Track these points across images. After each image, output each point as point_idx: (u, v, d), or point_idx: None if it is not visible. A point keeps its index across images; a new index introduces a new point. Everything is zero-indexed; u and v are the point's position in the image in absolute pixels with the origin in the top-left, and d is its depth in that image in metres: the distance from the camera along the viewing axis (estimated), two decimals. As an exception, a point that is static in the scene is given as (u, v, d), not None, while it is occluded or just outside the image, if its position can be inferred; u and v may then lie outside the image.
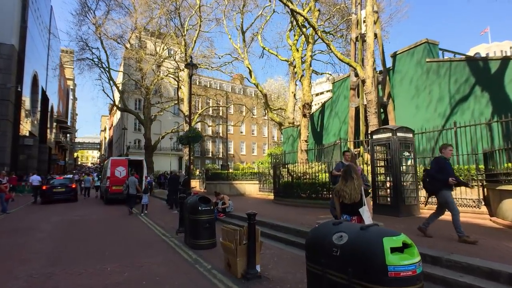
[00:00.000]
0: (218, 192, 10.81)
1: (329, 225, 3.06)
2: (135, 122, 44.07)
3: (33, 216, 12.35)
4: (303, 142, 16.40)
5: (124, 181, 16.03)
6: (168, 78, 32.24)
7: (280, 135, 62.46)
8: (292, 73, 27.63)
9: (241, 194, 17.85)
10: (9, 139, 25.59)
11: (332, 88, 17.76)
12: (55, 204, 16.52)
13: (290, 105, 27.52)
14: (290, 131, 21.39)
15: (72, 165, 77.75)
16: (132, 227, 9.59)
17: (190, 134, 10.98)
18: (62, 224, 10.14)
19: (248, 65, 26.68)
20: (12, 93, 25.51)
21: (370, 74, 11.37)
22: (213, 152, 51.89)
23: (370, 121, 11.46)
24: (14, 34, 26.20)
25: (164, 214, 12.43)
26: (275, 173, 14.20)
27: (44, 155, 39.40)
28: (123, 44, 29.38)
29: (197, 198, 6.90)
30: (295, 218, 8.83)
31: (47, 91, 38.34)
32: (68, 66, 67.79)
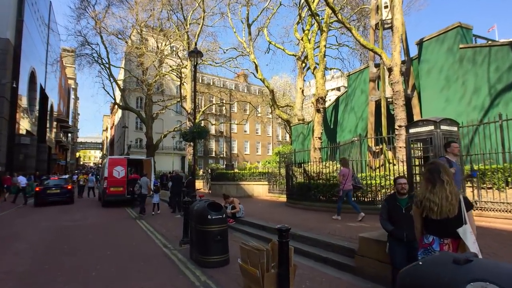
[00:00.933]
0: (227, 195, 9.57)
1: (446, 263, 1.75)
2: (136, 121, 42.89)
3: (21, 221, 11.15)
4: (317, 140, 15.12)
5: (123, 182, 14.91)
6: (171, 75, 31.03)
7: (284, 134, 61.21)
8: (300, 68, 26.45)
9: (249, 195, 16.60)
10: (5, 138, 24.43)
11: (347, 81, 16.46)
12: (49, 207, 15.32)
13: (298, 102, 26.26)
14: (300, 129, 20.12)
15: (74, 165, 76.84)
16: (129, 236, 8.35)
17: (195, 129, 9.74)
18: (50, 232, 8.92)
19: (254, 59, 25.42)
20: (7, 90, 24.34)
21: (398, 61, 10.08)
22: (216, 152, 50.65)
23: (397, 114, 10.17)
24: (10, 27, 25.06)
25: (166, 219, 11.19)
26: (288, 173, 12.94)
27: (43, 154, 38.27)
28: (124, 40, 28.20)
29: (205, 204, 5.65)
30: (318, 225, 7.55)
31: (46, 89, 37.21)
32: (69, 65, 66.89)
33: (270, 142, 57.87)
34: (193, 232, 5.92)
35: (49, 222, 10.76)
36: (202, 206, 5.66)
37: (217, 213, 5.53)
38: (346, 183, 8.48)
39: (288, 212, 10.54)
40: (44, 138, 38.55)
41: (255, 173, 17.20)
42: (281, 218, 9.19)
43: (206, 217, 5.44)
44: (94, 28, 26.83)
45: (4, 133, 24.32)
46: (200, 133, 9.81)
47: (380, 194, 9.15)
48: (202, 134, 9.87)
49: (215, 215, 5.48)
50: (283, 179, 15.91)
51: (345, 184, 8.47)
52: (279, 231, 3.61)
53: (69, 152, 68.75)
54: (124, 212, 13.51)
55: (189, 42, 27.53)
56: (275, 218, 9.17)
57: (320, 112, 15.24)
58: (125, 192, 14.99)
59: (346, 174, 8.51)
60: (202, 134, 9.85)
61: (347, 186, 8.52)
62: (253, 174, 17.17)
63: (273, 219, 8.92)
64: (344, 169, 8.58)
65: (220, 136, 51.39)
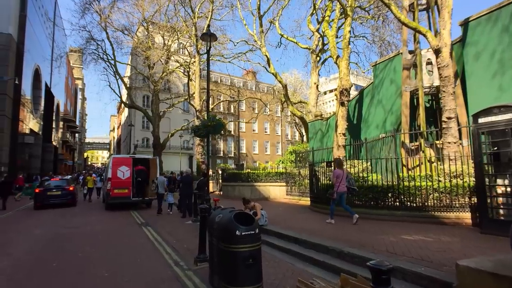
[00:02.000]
0: (247, 199, 8.18)
1: None
2: (143, 120, 41.84)
3: (14, 226, 9.89)
4: (341, 136, 13.64)
5: (128, 183, 13.65)
6: (178, 71, 29.77)
7: (294, 133, 59.68)
8: (314, 62, 24.98)
9: (265, 198, 15.20)
10: (7, 137, 23.42)
11: (373, 71, 14.93)
12: (49, 210, 14.11)
13: (312, 98, 24.82)
14: (318, 125, 18.63)
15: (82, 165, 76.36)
16: (132, 248, 6.98)
17: (209, 122, 8.35)
18: (41, 242, 7.61)
19: (265, 52, 24.03)
20: (10, 87, 23.34)
21: (448, 41, 8.57)
22: (225, 151, 49.35)
23: (446, 104, 8.65)
24: (12, 23, 24.04)
25: (175, 226, 9.83)
26: (312, 174, 11.51)
27: (49, 154, 37.37)
28: (130, 36, 27.02)
29: (231, 216, 4.24)
30: (365, 239, 6.09)
31: (52, 88, 36.29)
32: (76, 66, 66.34)
33: (279, 141, 56.39)
34: (213, 251, 4.53)
35: (44, 228, 9.48)
36: (227, 218, 4.25)
37: (248, 227, 4.12)
38: (340, 185, 8.11)
39: (317, 219, 9.10)
40: (50, 138, 37.67)
41: (271, 173, 15.76)
42: (313, 226, 7.75)
43: (234, 234, 4.03)
44: (99, 23, 25.74)
45: (7, 132, 23.32)
46: (216, 127, 8.43)
47: (432, 198, 7.64)
48: (217, 128, 8.48)
49: (245, 231, 4.07)
50: (303, 179, 14.50)
51: (339, 186, 8.11)
52: (376, 271, 2.17)
53: (77, 153, 68.22)
54: (129, 216, 12.20)
55: (197, 36, 26.27)
56: (305, 227, 7.74)
57: (344, 105, 13.75)
58: (131, 194, 13.71)
59: (340, 175, 8.17)
60: (217, 128, 8.46)
61: (341, 188, 8.14)
62: (269, 174, 15.73)
63: (303, 228, 7.49)
64: (338, 170, 8.29)
65: (228, 135, 50.08)
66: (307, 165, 16.34)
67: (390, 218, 7.95)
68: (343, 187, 8.17)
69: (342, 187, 8.16)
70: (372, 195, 8.58)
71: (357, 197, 9.03)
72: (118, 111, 67.97)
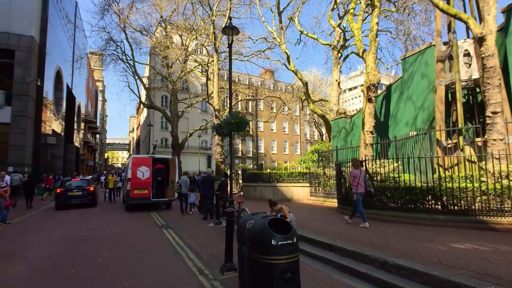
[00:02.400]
0: (274, 201, 7.63)
1: None
2: (161, 120, 42.01)
3: (34, 228, 9.73)
4: (368, 134, 12.90)
5: (148, 184, 13.39)
6: (196, 70, 29.59)
7: (313, 132, 58.69)
8: (335, 58, 24.19)
9: (288, 199, 14.64)
10: (30, 138, 23.77)
11: (402, 65, 14.10)
12: (70, 210, 14.04)
13: (334, 95, 24.04)
14: (342, 123, 17.88)
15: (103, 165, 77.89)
16: (153, 254, 6.58)
17: (233, 119, 7.85)
18: (60, 245, 7.34)
19: (285, 49, 23.48)
20: (32, 88, 23.68)
21: (493, 27, 7.76)
22: (243, 151, 48.98)
23: (491, 97, 7.85)
24: (34, 25, 24.37)
25: (196, 228, 9.42)
26: (340, 174, 10.87)
27: (71, 155, 38.03)
28: (149, 36, 26.98)
29: (265, 222, 3.72)
30: (411, 247, 5.45)
31: (73, 89, 36.88)
32: (97, 68, 67.67)
33: (298, 141, 55.57)
34: (244, 260, 4.03)
35: (64, 230, 9.26)
36: (261, 224, 3.74)
37: (285, 236, 3.60)
38: (358, 186, 7.91)
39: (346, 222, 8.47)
40: (71, 139, 38.31)
41: (294, 173, 15.14)
42: (345, 231, 7.15)
43: (269, 243, 3.53)
44: (118, 25, 25.84)
45: (30, 133, 23.66)
46: (239, 125, 7.91)
47: (480, 202, 6.88)
48: (241, 126, 7.96)
49: (282, 240, 3.55)
50: (328, 180, 13.85)
51: (358, 187, 7.90)
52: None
53: (98, 153, 69.56)
54: (149, 217, 11.91)
55: (215, 34, 25.97)
56: (337, 231, 7.15)
57: (371, 101, 13.01)
58: (150, 195, 13.43)
59: (357, 176, 7.98)
60: (241, 125, 7.94)
61: (360, 188, 7.91)
62: (292, 174, 15.13)
63: (335, 233, 6.91)
64: (355, 171, 8.11)
65: (246, 135, 49.70)
66: (331, 165, 15.70)
67: (430, 222, 7.24)
68: (361, 188, 7.95)
69: (361, 187, 7.95)
70: (409, 197, 7.87)
71: (392, 199, 8.35)
72: (137, 112, 68.87)
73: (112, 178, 19.20)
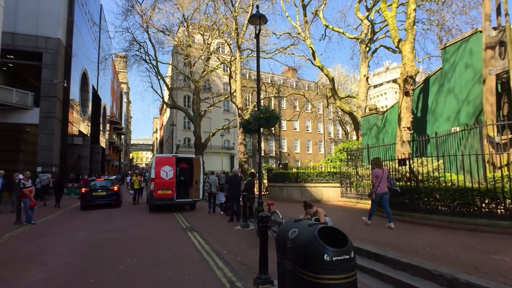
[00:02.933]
0: (309, 203, 6.91)
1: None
2: (184, 120, 42.06)
3: (57, 230, 9.46)
4: (405, 131, 11.91)
5: (172, 184, 12.97)
6: (219, 69, 29.22)
7: (337, 131, 57.18)
8: (363, 52, 23.12)
9: (317, 200, 13.84)
10: (58, 138, 24.17)
11: (442, 55, 12.96)
12: (94, 211, 13.88)
13: (362, 91, 22.97)
14: (373, 120, 16.85)
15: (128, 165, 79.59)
16: (179, 261, 6.02)
17: (262, 114, 7.21)
18: (81, 249, 6.94)
19: (310, 44, 22.63)
20: (59, 90, 24.07)
21: None
22: (266, 151, 48.31)
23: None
24: (61, 27, 24.77)
25: (223, 231, 8.83)
26: (377, 173, 9.96)
27: (97, 155, 38.77)
28: (171, 35, 26.80)
29: (314, 231, 3.02)
30: (479, 260, 4.59)
31: (98, 91, 37.53)
32: (121, 70, 69.10)
33: (321, 140, 54.30)
34: (287, 277, 3.35)
35: (87, 232, 8.93)
36: (308, 235, 3.05)
37: (340, 250, 2.89)
38: (380, 185, 7.75)
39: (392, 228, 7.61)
40: (97, 139, 39.02)
41: (323, 172, 14.31)
42: (389, 238, 6.33)
43: (320, 258, 2.83)
44: (141, 25, 25.81)
45: (57, 134, 24.05)
46: (269, 120, 7.26)
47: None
48: (271, 121, 7.31)
49: (337, 255, 2.84)
50: (361, 180, 12.94)
51: (379, 187, 7.76)
52: None
53: (123, 153, 71.05)
54: (173, 219, 11.47)
55: (238, 31, 25.46)
56: (380, 238, 6.35)
57: (409, 95, 12.01)
58: (174, 196, 13.01)
59: (380, 175, 7.80)
60: (271, 120, 7.29)
61: (382, 188, 7.77)
62: (321, 174, 14.29)
63: (378, 240, 6.12)
64: (377, 170, 7.96)
65: (269, 134, 49.02)
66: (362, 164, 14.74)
67: (492, 229, 6.29)
68: (383, 188, 7.78)
69: (382, 187, 7.78)
70: (463, 200, 6.92)
71: (442, 202, 7.42)
72: (160, 112, 69.73)
73: (136, 178, 18.27)
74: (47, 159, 22.92)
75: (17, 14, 22.71)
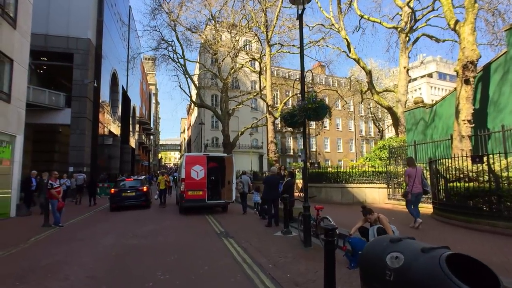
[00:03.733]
0: (369, 208, 5.78)
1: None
2: (212, 120, 41.69)
3: (84, 233, 8.86)
4: (465, 124, 10.44)
5: (203, 185, 12.19)
6: (247, 65, 28.36)
7: (368, 129, 54.82)
8: (403, 42, 21.44)
9: (360, 202, 12.54)
10: (88, 138, 24.25)
11: (507, 37, 11.30)
12: (123, 212, 13.38)
13: (402, 84, 21.32)
14: (420, 114, 15.27)
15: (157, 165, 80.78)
16: (216, 275, 5.09)
17: (310, 104, 6.15)
18: (106, 258, 6.19)
19: (345, 36, 21.26)
20: (90, 90, 24.13)
21: None
22: (295, 150, 47.04)
23: None
24: (91, 28, 24.86)
25: (262, 238, 7.83)
26: (436, 174, 8.67)
27: (127, 155, 39.11)
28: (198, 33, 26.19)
29: (440, 262, 1.94)
30: None
31: (128, 91, 37.84)
32: (150, 72, 70.13)
33: (352, 138, 52.24)
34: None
35: (115, 236, 8.25)
36: (429, 265, 1.99)
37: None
38: (414, 185, 7.65)
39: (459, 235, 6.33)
40: (127, 140, 39.35)
41: (367, 172, 12.97)
42: (492, 258, 5.06)
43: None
44: (169, 24, 25.39)
45: (88, 134, 24.12)
46: (318, 110, 6.18)
47: None
48: (320, 111, 6.23)
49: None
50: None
51: (413, 186, 7.66)
52: None
53: (152, 154, 72.10)
54: (204, 222, 10.63)
55: (267, 25, 24.49)
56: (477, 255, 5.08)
57: (469, 83, 10.52)
58: (206, 197, 12.20)
59: (413, 175, 7.71)
60: (321, 111, 6.21)
61: (416, 188, 7.66)
62: (365, 173, 12.97)
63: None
64: (410, 169, 7.87)
65: (298, 133, 47.70)
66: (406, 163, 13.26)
67: None
68: (417, 188, 7.62)
69: (416, 187, 7.61)
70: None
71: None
72: (188, 112, 70.16)
73: (162, 178, 16.04)
74: (78, 159, 23.00)
75: (49, 16, 22.93)
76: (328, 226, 3.68)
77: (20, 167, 12.00)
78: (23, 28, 12.40)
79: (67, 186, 14.85)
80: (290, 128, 47.04)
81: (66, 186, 14.72)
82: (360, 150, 52.38)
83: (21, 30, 12.28)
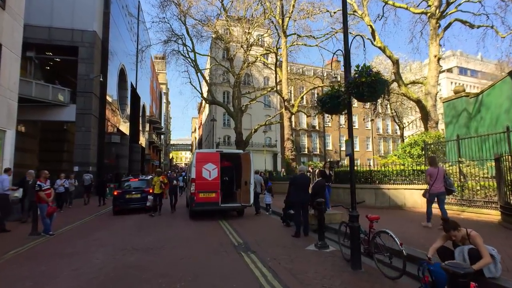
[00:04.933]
0: (453, 222, 4.10)
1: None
2: (223, 118, 40.21)
3: (75, 246, 7.36)
4: (533, 112, 8.57)
5: (216, 186, 10.59)
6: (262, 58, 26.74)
7: (386, 127, 52.51)
8: (433, 29, 19.46)
9: (398, 206, 10.81)
10: (95, 136, 23.00)
11: None
12: (126, 216, 11.94)
13: (432, 75, 19.35)
14: (462, 104, 13.39)
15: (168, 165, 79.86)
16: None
17: (364, 77, 4.48)
18: (96, 281, 4.65)
19: (369, 22, 19.51)
20: (96, 85, 22.86)
21: None
22: (309, 148, 45.21)
23: None
24: (97, 20, 23.61)
25: (292, 254, 6.16)
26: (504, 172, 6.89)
27: (136, 154, 37.92)
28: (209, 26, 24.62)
29: None
30: None
31: (137, 88, 36.63)
32: (160, 71, 69.22)
33: (369, 136, 50.08)
34: None
35: (110, 250, 6.72)
36: None
37: None
38: (435, 185, 7.22)
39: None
40: (137, 138, 38.18)
41: (406, 170, 11.16)
42: None
43: None
44: (178, 18, 23.89)
45: (94, 131, 22.87)
46: (375, 85, 4.51)
47: None
48: (378, 87, 4.55)
49: None
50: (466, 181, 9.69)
51: (433, 186, 7.24)
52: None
53: (162, 153, 71.15)
54: (219, 230, 9.04)
55: (283, 14, 22.85)
56: None
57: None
58: (219, 200, 10.58)
59: (434, 174, 7.27)
60: (378, 86, 4.53)
61: (436, 188, 7.22)
62: (403, 172, 11.16)
63: None
64: (431, 169, 7.45)
65: (313, 131, 45.87)
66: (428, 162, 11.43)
67: None
68: (437, 188, 7.23)
69: (438, 187, 7.23)
70: None
71: None
72: (198, 111, 68.95)
73: (158, 179, 12.18)
74: (84, 157, 21.77)
75: (53, 7, 21.77)
76: (455, 268, 2.02)
77: (11, 166, 10.62)
78: (14, 9, 11.04)
79: (65, 188, 13.40)
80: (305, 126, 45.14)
81: (64, 188, 13.29)
82: (377, 148, 50.20)
83: (12, 12, 10.91)
